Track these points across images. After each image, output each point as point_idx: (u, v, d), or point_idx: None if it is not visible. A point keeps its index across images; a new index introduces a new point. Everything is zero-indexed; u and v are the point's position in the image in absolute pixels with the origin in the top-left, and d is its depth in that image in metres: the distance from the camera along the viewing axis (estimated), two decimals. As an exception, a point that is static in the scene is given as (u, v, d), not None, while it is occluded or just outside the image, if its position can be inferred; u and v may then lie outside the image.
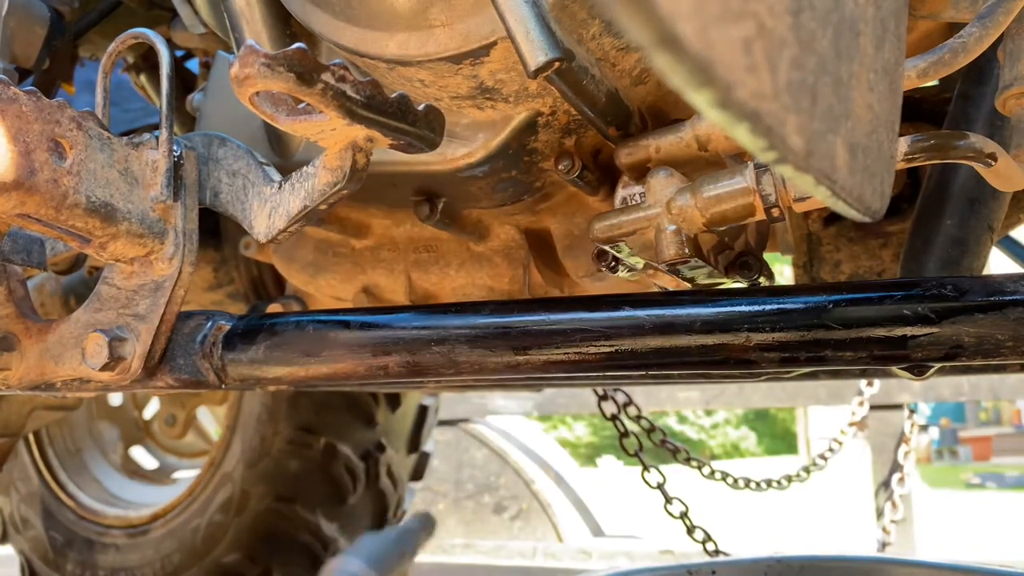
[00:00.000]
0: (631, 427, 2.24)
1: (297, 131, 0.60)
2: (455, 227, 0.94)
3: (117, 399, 2.43)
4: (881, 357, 0.62)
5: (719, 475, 2.55)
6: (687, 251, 0.68)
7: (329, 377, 0.76)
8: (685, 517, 2.20)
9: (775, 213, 0.66)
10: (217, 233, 1.60)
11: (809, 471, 3.01)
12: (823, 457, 3.17)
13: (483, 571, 3.70)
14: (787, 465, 3.22)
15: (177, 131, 1.12)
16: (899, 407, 3.63)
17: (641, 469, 2.26)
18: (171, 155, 0.73)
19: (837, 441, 3.28)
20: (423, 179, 0.87)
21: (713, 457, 19.22)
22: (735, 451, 20.52)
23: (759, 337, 0.64)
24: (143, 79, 1.48)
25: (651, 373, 0.75)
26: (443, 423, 4.24)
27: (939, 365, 0.68)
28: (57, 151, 0.64)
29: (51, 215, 0.64)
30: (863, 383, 3.30)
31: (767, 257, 0.84)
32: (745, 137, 0.26)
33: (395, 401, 2.04)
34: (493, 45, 0.70)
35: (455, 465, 4.38)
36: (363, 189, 0.68)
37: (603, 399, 2.24)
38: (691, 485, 2.54)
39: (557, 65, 0.62)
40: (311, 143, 0.90)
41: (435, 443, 2.67)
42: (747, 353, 0.64)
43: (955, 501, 6.97)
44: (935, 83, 1.09)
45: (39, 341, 0.79)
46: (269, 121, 0.59)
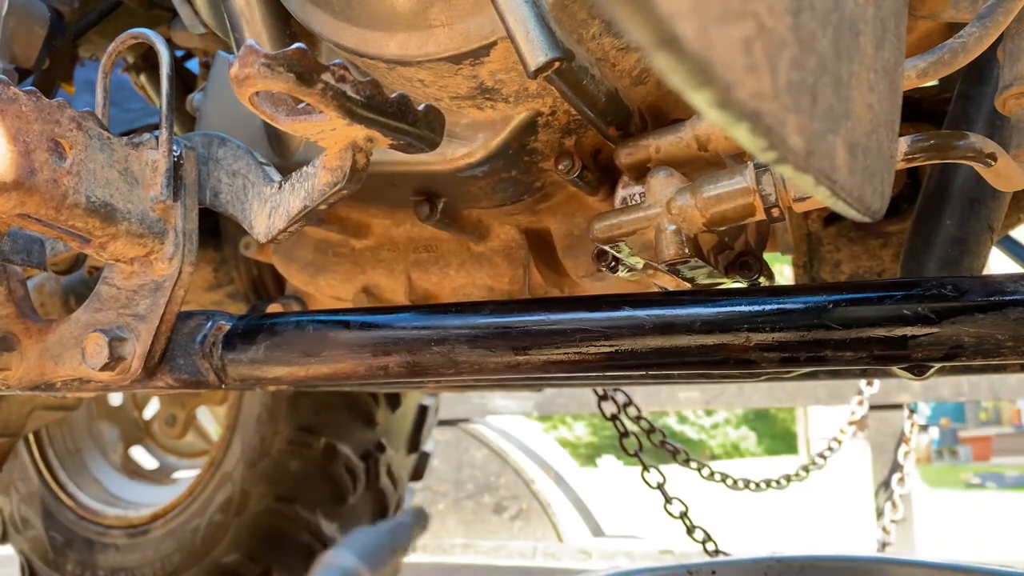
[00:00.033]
0: (631, 427, 2.24)
1: (297, 131, 0.60)
2: (455, 227, 0.94)
3: (117, 399, 2.43)
4: (881, 357, 0.62)
5: (718, 476, 2.55)
6: (687, 251, 0.68)
7: (329, 377, 0.76)
8: (685, 517, 2.20)
9: (775, 213, 0.66)
10: (217, 233, 1.60)
11: (808, 470, 3.02)
12: (822, 456, 3.18)
13: (483, 571, 3.70)
14: (787, 465, 3.22)
15: (177, 131, 1.12)
16: (899, 407, 3.63)
17: (641, 469, 2.26)
18: (171, 155, 0.73)
19: (836, 440, 3.28)
20: (423, 179, 0.87)
21: (713, 457, 19.21)
22: (735, 451, 20.51)
23: (759, 337, 0.64)
24: (143, 79, 1.48)
25: (651, 373, 0.75)
26: (443, 423, 4.24)
27: (939, 365, 0.68)
28: (57, 151, 0.64)
29: (51, 215, 0.64)
30: (863, 383, 3.30)
31: (767, 257, 0.84)
32: (745, 137, 0.26)
33: (395, 401, 2.04)
34: (493, 45, 0.70)
35: (455, 465, 4.38)
36: (363, 189, 0.68)
37: (603, 399, 2.24)
38: (691, 485, 2.54)
39: (557, 65, 0.62)
40: (311, 143, 0.90)
41: (435, 443, 2.67)
42: (747, 353, 0.64)
43: (955, 501, 6.97)
44: (935, 83, 1.09)
45: (39, 341, 0.79)
46: (269, 121, 0.59)
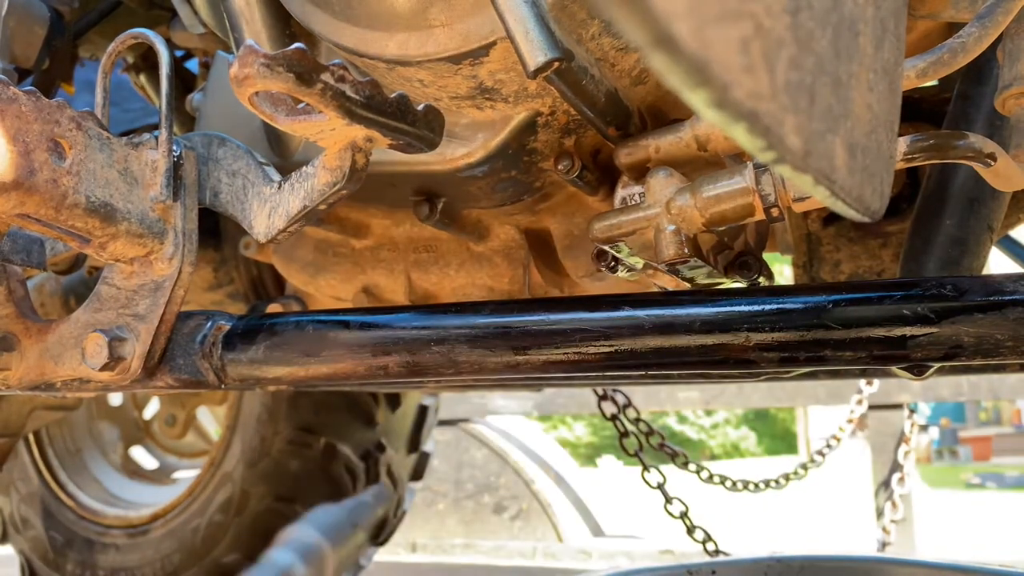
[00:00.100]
0: (631, 427, 2.24)
1: (296, 131, 0.60)
2: (455, 227, 0.94)
3: (117, 399, 2.43)
4: (881, 357, 0.62)
5: (717, 479, 2.55)
6: (687, 251, 0.68)
7: (329, 377, 0.76)
8: (685, 517, 2.20)
9: (774, 213, 0.66)
10: (217, 233, 1.60)
11: (807, 468, 3.02)
12: (820, 454, 3.17)
13: (483, 571, 3.70)
14: (787, 465, 3.22)
15: (177, 131, 1.12)
16: (899, 407, 3.63)
17: (641, 469, 2.26)
18: (171, 155, 0.73)
19: (835, 438, 3.29)
20: (423, 179, 0.87)
21: (713, 457, 19.20)
22: (735, 451, 20.50)
23: (759, 337, 0.64)
24: (143, 79, 1.48)
25: (651, 373, 0.75)
26: (443, 423, 4.24)
27: (939, 365, 0.68)
28: (57, 151, 0.64)
29: (51, 215, 0.64)
30: (863, 383, 3.30)
31: (767, 257, 0.84)
32: (743, 137, 0.26)
33: (395, 401, 2.04)
34: (492, 45, 0.70)
35: (455, 465, 4.38)
36: (363, 189, 0.68)
37: (603, 399, 2.24)
38: (691, 485, 2.54)
39: (556, 65, 0.62)
40: (311, 143, 0.90)
41: (435, 443, 2.67)
42: (747, 353, 0.64)
43: (955, 501, 6.97)
44: (934, 83, 1.09)
45: (39, 341, 0.79)
46: (268, 121, 0.59)
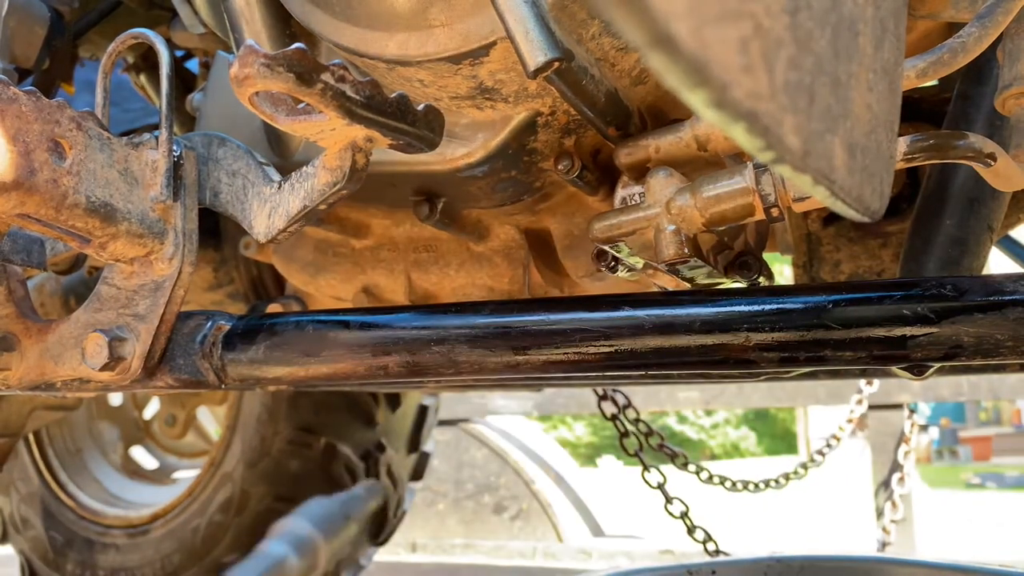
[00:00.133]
0: (631, 427, 2.24)
1: (297, 131, 0.60)
2: (455, 227, 0.94)
3: (117, 399, 2.43)
4: (881, 357, 0.62)
5: (717, 479, 2.55)
6: (686, 251, 0.68)
7: (329, 377, 0.76)
8: (685, 517, 2.19)
9: (774, 213, 0.66)
10: (217, 233, 1.60)
11: (807, 468, 3.02)
12: (821, 454, 3.18)
13: (483, 571, 3.70)
14: (787, 465, 3.22)
15: (177, 131, 1.12)
16: (899, 407, 3.63)
17: (641, 469, 2.26)
18: (171, 155, 0.73)
19: (835, 438, 3.29)
20: (423, 179, 0.87)
21: (713, 457, 19.19)
22: (735, 451, 20.49)
23: (759, 337, 0.64)
24: (143, 79, 1.48)
25: (651, 373, 0.75)
26: (443, 423, 4.24)
27: (938, 365, 0.68)
28: (57, 151, 0.64)
29: (51, 215, 0.64)
30: (863, 382, 3.30)
31: (767, 257, 0.84)
32: (742, 137, 0.26)
33: (395, 401, 2.04)
34: (492, 45, 0.70)
35: (455, 465, 4.38)
36: (363, 189, 0.68)
37: (603, 399, 2.24)
38: (691, 485, 2.54)
39: (556, 65, 0.62)
40: (311, 143, 0.90)
41: (435, 443, 2.67)
42: (747, 353, 0.64)
43: (955, 501, 6.97)
44: (934, 83, 1.09)
45: (39, 341, 0.79)
46: (269, 121, 0.59)
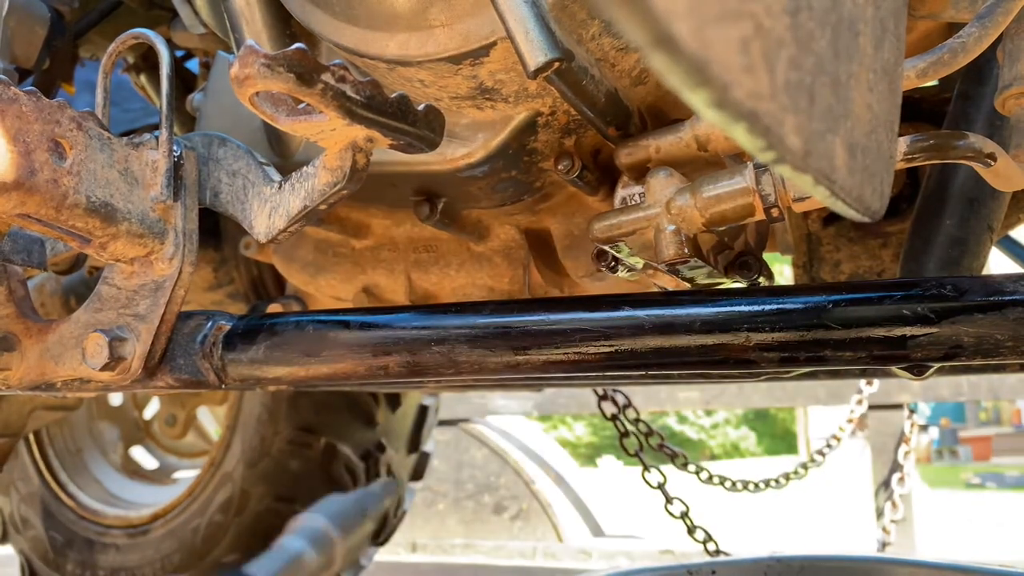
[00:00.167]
0: (631, 427, 2.24)
1: (297, 131, 0.60)
2: (455, 227, 0.94)
3: (117, 399, 2.44)
4: (881, 357, 0.62)
5: (717, 479, 2.55)
6: (687, 251, 0.68)
7: (329, 377, 0.76)
8: (686, 517, 2.20)
9: (775, 213, 0.66)
10: (217, 233, 1.60)
11: (807, 468, 3.02)
12: (820, 453, 3.18)
13: (483, 571, 3.70)
14: (787, 465, 3.22)
15: (177, 131, 1.12)
16: (899, 407, 3.63)
17: (641, 469, 2.26)
18: (171, 155, 0.73)
19: (835, 438, 3.29)
20: (423, 179, 0.87)
21: (713, 457, 19.18)
22: (735, 451, 20.48)
23: (759, 337, 0.64)
24: (143, 79, 1.48)
25: (651, 373, 0.75)
26: (443, 423, 4.24)
27: (938, 365, 0.68)
28: (57, 151, 0.64)
29: (51, 215, 0.64)
30: (863, 383, 3.30)
31: (767, 257, 0.84)
32: (742, 137, 0.26)
33: (395, 401, 2.04)
34: (493, 45, 0.70)
35: (455, 465, 4.38)
36: (363, 189, 0.68)
37: (603, 399, 2.24)
38: (691, 485, 2.54)
39: (557, 65, 0.62)
40: (311, 143, 0.90)
41: (435, 443, 2.67)
42: (747, 353, 0.64)
43: (955, 501, 6.97)
44: (935, 83, 1.09)
45: (39, 341, 0.79)
46: (269, 121, 0.59)
